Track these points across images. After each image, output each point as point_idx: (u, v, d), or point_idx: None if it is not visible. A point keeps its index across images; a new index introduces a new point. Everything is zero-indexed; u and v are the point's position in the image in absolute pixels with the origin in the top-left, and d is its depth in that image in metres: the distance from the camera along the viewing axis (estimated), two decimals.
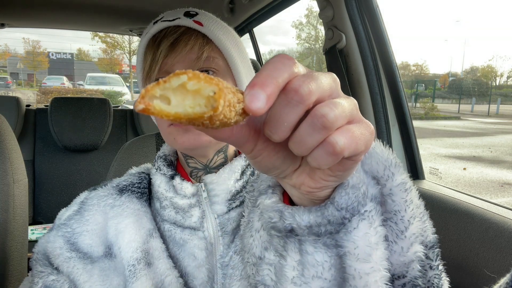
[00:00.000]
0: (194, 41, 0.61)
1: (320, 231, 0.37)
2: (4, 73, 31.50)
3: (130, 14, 1.99)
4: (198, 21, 0.62)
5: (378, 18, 1.23)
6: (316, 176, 0.34)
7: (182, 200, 0.63)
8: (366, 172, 0.40)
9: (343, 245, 0.37)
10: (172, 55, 0.60)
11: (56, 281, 0.59)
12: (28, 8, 1.91)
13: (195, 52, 0.60)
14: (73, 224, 0.64)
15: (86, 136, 2.25)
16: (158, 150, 1.01)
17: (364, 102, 1.29)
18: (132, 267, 0.58)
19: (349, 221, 0.37)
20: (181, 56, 0.60)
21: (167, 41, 0.60)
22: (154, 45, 0.61)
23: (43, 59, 29.87)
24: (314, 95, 0.27)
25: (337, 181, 0.35)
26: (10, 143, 0.92)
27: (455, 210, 1.03)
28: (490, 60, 55.40)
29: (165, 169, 0.67)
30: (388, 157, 0.41)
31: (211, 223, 0.63)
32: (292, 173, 0.36)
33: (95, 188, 0.70)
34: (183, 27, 0.61)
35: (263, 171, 0.36)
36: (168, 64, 0.60)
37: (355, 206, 0.37)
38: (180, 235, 0.63)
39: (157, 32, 0.62)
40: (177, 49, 0.60)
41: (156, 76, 0.61)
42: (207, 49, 0.61)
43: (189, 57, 0.60)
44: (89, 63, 34.89)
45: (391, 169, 0.40)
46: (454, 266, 1.01)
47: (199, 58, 0.60)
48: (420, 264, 0.41)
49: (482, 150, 9.29)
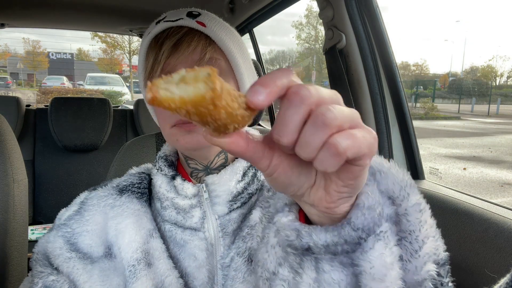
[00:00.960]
0: (197, 42, 0.60)
1: (336, 250, 0.38)
2: (4, 73, 31.49)
3: (130, 14, 1.99)
4: (201, 21, 0.62)
5: (378, 18, 1.23)
6: (331, 189, 0.35)
7: (183, 201, 0.63)
8: (382, 192, 0.41)
9: (359, 264, 0.38)
10: (174, 56, 0.59)
11: (56, 281, 0.59)
12: (28, 8, 1.91)
13: (198, 53, 0.60)
14: (73, 224, 0.64)
15: (86, 136, 2.25)
16: (158, 150, 1.01)
17: (364, 102, 1.29)
18: (132, 268, 0.58)
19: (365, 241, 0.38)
20: (184, 56, 0.60)
21: (169, 42, 0.59)
22: (156, 45, 0.61)
23: (43, 59, 29.87)
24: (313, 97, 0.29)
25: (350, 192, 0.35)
26: (10, 143, 0.92)
27: (455, 210, 1.03)
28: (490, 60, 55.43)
29: (166, 170, 0.67)
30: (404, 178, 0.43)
31: (212, 224, 0.63)
32: (309, 190, 0.37)
33: (95, 188, 0.70)
34: (186, 28, 0.61)
35: (280, 189, 0.37)
36: (170, 64, 0.60)
37: (371, 227, 0.37)
38: (181, 235, 0.63)
39: (160, 32, 0.62)
40: (180, 49, 0.59)
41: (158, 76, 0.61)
42: (209, 50, 0.61)
43: (192, 58, 0.60)
44: (89, 63, 34.89)
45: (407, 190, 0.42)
46: (454, 266, 1.01)
47: (201, 59, 0.60)
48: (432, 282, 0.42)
49: (482, 150, 9.29)
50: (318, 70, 23.15)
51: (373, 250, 0.37)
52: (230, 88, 0.28)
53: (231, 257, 0.62)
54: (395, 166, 0.44)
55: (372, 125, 1.30)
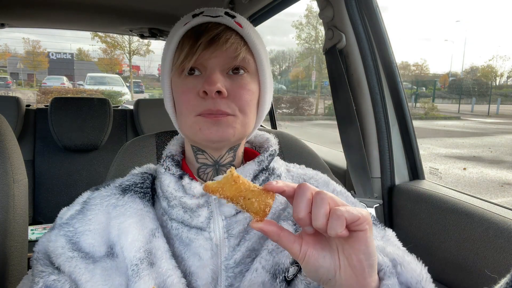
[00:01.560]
0: (234, 40, 0.62)
1: None
2: (4, 73, 31.48)
3: (130, 14, 1.99)
4: (238, 22, 0.65)
5: (378, 18, 1.23)
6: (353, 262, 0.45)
7: (191, 200, 0.64)
8: (401, 283, 0.50)
9: None
10: (210, 49, 0.61)
11: (57, 281, 0.59)
12: (28, 8, 1.91)
13: (233, 50, 0.62)
14: (76, 223, 0.64)
15: (86, 136, 2.25)
16: (158, 150, 1.01)
17: (364, 102, 1.29)
18: (135, 267, 0.58)
19: None
20: (220, 52, 0.61)
21: (208, 35, 0.61)
22: (194, 35, 0.62)
23: (43, 59, 29.84)
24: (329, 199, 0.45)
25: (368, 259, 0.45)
26: (10, 143, 0.92)
27: (455, 210, 1.03)
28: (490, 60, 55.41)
29: (174, 169, 0.67)
30: (421, 272, 0.51)
31: (218, 224, 0.63)
32: (338, 272, 0.46)
33: (98, 188, 0.70)
34: (224, 25, 0.63)
35: (313, 273, 0.48)
36: (205, 57, 0.61)
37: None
38: (186, 234, 0.64)
39: (197, 25, 0.63)
40: (217, 44, 0.61)
41: (191, 66, 0.62)
42: (243, 50, 0.63)
43: (227, 54, 0.62)
44: (89, 63, 34.88)
45: (422, 283, 0.50)
46: (454, 266, 1.01)
47: (235, 57, 0.62)
48: None
49: (482, 150, 9.29)
50: (318, 70, 23.13)
51: None
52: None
53: (234, 259, 0.62)
54: (415, 261, 0.53)
55: (372, 125, 1.30)
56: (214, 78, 0.60)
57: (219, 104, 0.61)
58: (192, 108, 0.62)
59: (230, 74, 0.63)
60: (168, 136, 1.04)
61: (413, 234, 1.17)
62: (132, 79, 25.38)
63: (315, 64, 23.43)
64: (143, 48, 24.79)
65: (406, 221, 1.20)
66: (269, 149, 0.72)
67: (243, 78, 0.64)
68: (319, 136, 11.15)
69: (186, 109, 0.63)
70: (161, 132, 1.05)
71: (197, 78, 0.63)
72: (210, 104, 0.61)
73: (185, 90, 0.63)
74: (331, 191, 0.72)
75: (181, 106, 0.65)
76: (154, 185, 0.72)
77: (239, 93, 0.63)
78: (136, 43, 24.01)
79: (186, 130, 0.66)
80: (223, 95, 0.60)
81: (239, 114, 0.63)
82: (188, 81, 0.63)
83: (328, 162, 1.57)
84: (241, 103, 0.63)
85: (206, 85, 0.59)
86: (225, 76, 0.63)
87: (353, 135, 1.29)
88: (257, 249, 0.64)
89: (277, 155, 0.75)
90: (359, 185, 1.30)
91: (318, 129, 13.26)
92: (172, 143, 0.76)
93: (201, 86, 0.61)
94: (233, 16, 0.66)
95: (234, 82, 0.63)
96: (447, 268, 1.02)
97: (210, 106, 0.61)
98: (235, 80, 0.63)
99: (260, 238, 0.64)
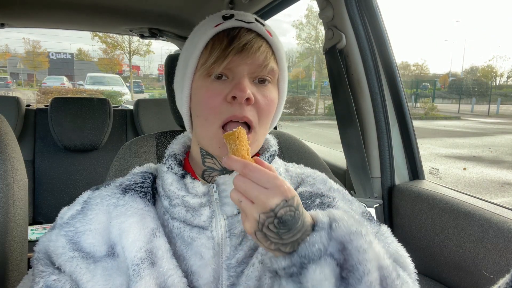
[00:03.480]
0: (265, 48, 0.63)
1: (290, 271, 0.52)
2: (4, 73, 31.44)
3: (130, 14, 1.99)
4: (268, 30, 0.65)
5: (378, 18, 1.23)
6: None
7: (193, 199, 0.64)
8: (332, 238, 0.53)
9: (302, 281, 0.51)
10: (242, 56, 0.61)
11: (57, 281, 0.59)
12: (28, 8, 1.91)
13: (263, 59, 0.62)
14: (76, 223, 0.64)
15: (86, 136, 2.25)
16: (158, 150, 1.01)
17: (364, 102, 1.29)
18: (136, 267, 0.58)
19: (307, 266, 0.51)
20: (250, 59, 0.61)
21: (240, 41, 0.61)
22: (225, 40, 0.61)
23: (43, 59, 29.81)
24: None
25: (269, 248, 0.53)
26: (10, 143, 0.92)
27: (455, 210, 1.03)
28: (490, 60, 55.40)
29: (176, 168, 0.68)
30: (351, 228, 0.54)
31: (220, 223, 0.64)
32: None
33: (98, 187, 0.70)
34: (255, 32, 0.64)
35: None
36: (235, 62, 0.61)
37: (311, 256, 0.51)
38: (188, 233, 0.64)
39: (228, 29, 0.63)
40: (249, 51, 0.61)
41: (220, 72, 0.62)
42: (272, 60, 0.64)
43: (257, 62, 0.62)
44: (89, 63, 34.83)
45: (351, 236, 0.53)
46: (454, 266, 1.01)
47: (265, 66, 0.63)
48: None
49: (482, 150, 9.28)
50: (318, 70, 23.12)
51: (309, 271, 0.50)
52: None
53: (237, 258, 0.62)
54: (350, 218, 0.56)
55: (372, 125, 1.30)
56: (244, 84, 0.60)
57: (245, 111, 0.61)
58: (219, 114, 0.62)
59: (255, 83, 0.64)
60: (168, 136, 1.04)
61: (413, 234, 1.17)
62: (132, 79, 25.37)
63: (315, 64, 23.42)
64: (143, 48, 24.76)
65: (406, 221, 1.20)
66: (270, 149, 0.73)
67: (267, 88, 0.65)
68: (319, 136, 11.15)
69: (212, 115, 0.62)
70: (161, 132, 1.05)
71: (225, 83, 0.62)
72: (237, 110, 0.61)
73: (212, 94, 0.62)
74: (328, 188, 0.73)
75: (204, 111, 0.63)
76: (155, 184, 0.72)
77: (263, 102, 0.63)
78: (136, 43, 23.99)
79: (204, 138, 0.65)
80: (250, 101, 0.61)
81: (257, 126, 0.64)
82: (215, 85, 0.62)
83: (328, 162, 1.57)
84: (263, 113, 0.64)
85: (237, 91, 0.59)
86: (251, 83, 0.63)
87: (353, 135, 1.29)
88: (258, 248, 0.64)
89: (276, 155, 0.75)
90: (359, 185, 1.30)
91: (318, 129, 13.26)
92: (175, 142, 0.76)
93: (229, 91, 0.61)
94: (263, 24, 0.66)
95: (259, 90, 0.64)
96: (447, 268, 1.02)
97: (237, 112, 0.61)
98: (260, 89, 0.64)
99: None
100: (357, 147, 1.28)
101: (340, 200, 0.70)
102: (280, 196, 0.50)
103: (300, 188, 0.72)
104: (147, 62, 37.16)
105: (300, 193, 0.69)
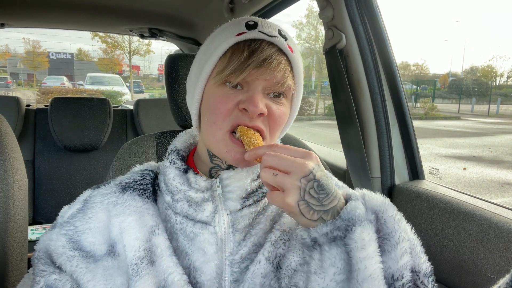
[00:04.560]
0: (284, 65, 0.62)
1: (333, 235, 0.54)
2: (4, 73, 31.44)
3: (130, 14, 1.99)
4: (290, 46, 0.64)
5: (378, 18, 1.23)
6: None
7: (196, 194, 0.64)
8: (367, 208, 0.59)
9: (348, 243, 0.54)
10: (260, 71, 0.60)
11: (58, 280, 0.59)
12: (28, 8, 1.91)
13: (281, 76, 0.62)
14: (76, 222, 0.64)
15: (86, 136, 2.25)
16: (158, 150, 1.01)
17: (364, 102, 1.29)
18: (135, 266, 0.58)
19: (351, 229, 0.54)
20: (268, 74, 0.60)
21: (261, 55, 0.60)
22: (246, 52, 0.60)
23: (43, 59, 29.81)
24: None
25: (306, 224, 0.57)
26: (10, 143, 0.92)
27: (455, 210, 1.03)
28: (490, 60, 55.43)
29: (179, 163, 0.68)
30: (384, 200, 0.61)
31: (223, 219, 0.64)
32: None
33: (98, 186, 0.70)
34: (277, 47, 0.62)
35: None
36: (252, 76, 0.60)
37: (354, 220, 0.55)
38: (191, 228, 0.64)
39: (250, 39, 0.62)
40: (268, 67, 0.60)
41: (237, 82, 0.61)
42: (289, 78, 0.63)
43: (274, 78, 0.61)
44: (89, 63, 34.82)
45: (385, 206, 0.60)
46: (454, 266, 1.01)
47: (282, 84, 0.62)
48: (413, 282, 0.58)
49: (482, 150, 9.28)
50: (318, 70, 23.12)
51: (355, 233, 0.54)
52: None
53: (240, 254, 0.62)
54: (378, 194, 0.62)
55: (372, 125, 1.30)
56: (258, 99, 0.60)
57: (255, 121, 0.61)
58: (228, 120, 0.61)
59: (270, 97, 0.63)
60: (168, 136, 1.04)
61: None
62: (132, 79, 25.37)
63: (315, 64, 23.42)
64: (143, 48, 24.77)
65: (406, 221, 1.20)
66: None
67: (280, 103, 0.64)
68: (319, 136, 11.15)
69: (221, 120, 0.62)
70: (161, 132, 1.05)
71: (238, 92, 0.62)
72: (247, 120, 0.61)
73: (224, 100, 0.62)
74: None
75: (214, 115, 0.63)
76: (156, 180, 0.72)
77: (274, 115, 0.63)
78: (136, 43, 24.00)
79: (211, 143, 0.65)
80: (262, 116, 0.61)
81: (268, 136, 0.64)
82: (229, 93, 0.62)
83: (328, 162, 1.58)
84: (274, 125, 0.64)
85: (251, 105, 0.59)
86: (265, 96, 0.63)
87: (353, 135, 1.29)
88: (263, 244, 0.64)
89: None
90: (359, 185, 1.30)
91: (318, 129, 13.26)
92: (178, 139, 0.76)
93: (241, 99, 0.61)
94: (285, 38, 0.64)
95: (272, 104, 0.63)
96: (447, 268, 1.02)
97: (247, 121, 0.61)
98: (273, 103, 0.63)
99: (265, 232, 0.65)
100: (357, 147, 1.28)
101: None
102: (313, 160, 0.55)
103: None
104: (147, 62, 37.19)
105: None
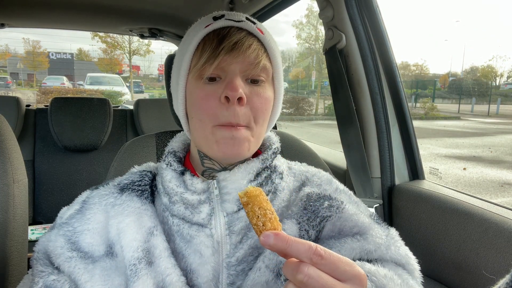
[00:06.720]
0: (256, 46, 0.62)
1: None
2: (4, 73, 31.45)
3: (130, 14, 1.99)
4: (260, 28, 0.64)
5: (378, 18, 1.23)
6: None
7: (192, 196, 0.64)
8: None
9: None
10: (233, 54, 0.60)
11: (56, 281, 0.59)
12: (28, 8, 1.91)
13: (254, 57, 0.62)
14: (75, 223, 0.64)
15: (86, 136, 2.25)
16: (158, 150, 1.01)
17: (364, 102, 1.29)
18: (133, 267, 0.58)
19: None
20: (242, 57, 0.61)
21: (231, 40, 0.60)
22: (216, 39, 0.61)
23: (43, 59, 29.80)
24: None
25: None
26: (10, 143, 0.92)
27: (455, 210, 1.03)
28: (490, 60, 55.46)
29: (175, 165, 0.68)
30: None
31: (219, 221, 0.63)
32: None
33: (97, 187, 0.70)
34: (246, 30, 0.63)
35: None
36: (226, 61, 0.61)
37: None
38: (187, 230, 0.64)
39: (219, 28, 0.62)
40: (240, 50, 0.60)
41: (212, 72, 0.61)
42: (264, 57, 0.63)
43: (248, 60, 0.61)
44: (89, 63, 34.83)
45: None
46: (454, 266, 1.01)
47: (257, 64, 0.62)
48: None
49: (482, 150, 9.28)
50: (318, 70, 23.12)
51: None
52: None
53: (237, 257, 0.62)
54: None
55: (372, 125, 1.30)
56: (236, 83, 0.59)
57: (238, 117, 0.60)
58: (213, 116, 0.61)
59: (249, 83, 0.63)
60: (168, 136, 1.04)
61: (413, 234, 1.17)
62: (132, 79, 25.38)
63: (315, 64, 23.42)
64: (143, 48, 24.76)
65: (406, 221, 1.20)
66: (272, 146, 0.72)
67: (261, 87, 0.64)
68: (319, 136, 11.15)
69: (206, 117, 0.62)
70: (161, 132, 1.05)
71: (217, 84, 0.62)
72: (231, 116, 0.60)
73: (205, 96, 0.61)
74: (334, 189, 0.71)
75: (199, 112, 0.63)
76: (155, 182, 0.72)
77: (257, 101, 0.63)
78: (136, 43, 23.99)
79: (200, 139, 0.65)
80: (242, 101, 0.60)
81: (254, 125, 0.63)
82: (209, 86, 0.62)
83: (328, 162, 1.57)
84: (258, 113, 0.63)
85: (229, 90, 0.59)
86: (245, 83, 0.62)
87: (353, 135, 1.29)
88: (260, 247, 0.63)
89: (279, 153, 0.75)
90: (359, 185, 1.30)
91: (318, 129, 13.26)
92: (175, 139, 0.76)
93: (222, 91, 0.60)
94: (254, 23, 0.65)
95: (253, 90, 0.63)
96: (447, 268, 1.02)
97: (231, 119, 0.60)
98: (254, 88, 0.63)
99: None
100: (357, 147, 1.28)
101: (348, 202, 0.69)
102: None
103: (306, 189, 0.70)
104: (147, 62, 37.21)
105: (308, 195, 0.68)
